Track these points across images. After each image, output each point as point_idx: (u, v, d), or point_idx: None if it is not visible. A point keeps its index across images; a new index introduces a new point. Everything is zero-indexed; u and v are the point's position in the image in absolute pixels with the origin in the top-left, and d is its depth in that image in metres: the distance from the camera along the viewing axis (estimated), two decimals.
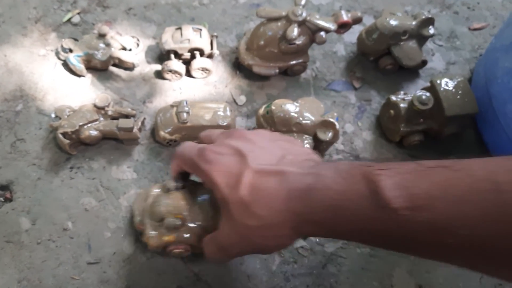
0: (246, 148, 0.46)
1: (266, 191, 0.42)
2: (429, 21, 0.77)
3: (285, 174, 0.42)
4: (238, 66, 0.79)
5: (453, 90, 0.68)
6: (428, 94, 0.67)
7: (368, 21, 0.84)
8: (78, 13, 0.83)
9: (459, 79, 0.69)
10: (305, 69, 0.79)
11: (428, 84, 0.70)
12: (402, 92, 0.73)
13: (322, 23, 0.71)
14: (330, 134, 0.66)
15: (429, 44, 0.84)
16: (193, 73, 0.76)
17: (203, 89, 0.77)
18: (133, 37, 0.78)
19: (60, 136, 0.65)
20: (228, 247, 0.47)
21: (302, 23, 0.71)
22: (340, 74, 0.80)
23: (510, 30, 0.68)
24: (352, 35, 0.82)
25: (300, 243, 0.64)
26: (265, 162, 0.44)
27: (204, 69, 0.76)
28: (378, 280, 0.62)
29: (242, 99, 0.76)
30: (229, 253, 0.49)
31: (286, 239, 0.45)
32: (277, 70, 0.76)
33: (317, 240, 0.64)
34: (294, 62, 0.76)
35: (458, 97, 0.68)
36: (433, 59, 0.83)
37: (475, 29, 0.88)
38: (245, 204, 0.42)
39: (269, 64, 0.75)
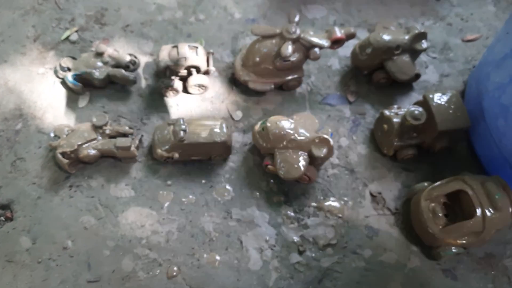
0: None
1: None
2: (422, 36, 0.78)
3: None
4: (234, 82, 0.80)
5: (446, 104, 0.69)
6: (420, 109, 0.68)
7: (362, 34, 0.85)
8: (76, 31, 0.84)
9: (451, 93, 0.70)
10: (300, 84, 0.80)
11: (421, 98, 0.71)
12: (395, 106, 0.74)
13: (315, 40, 0.72)
14: (324, 150, 0.67)
15: (422, 57, 0.85)
16: (190, 89, 0.77)
17: (200, 105, 0.78)
18: (130, 54, 0.79)
19: (59, 156, 0.66)
20: None
21: (296, 40, 0.72)
22: (334, 88, 0.81)
23: (501, 45, 0.69)
24: (346, 49, 0.83)
25: (296, 258, 0.65)
26: None
27: (200, 86, 0.77)
28: None
29: (238, 114, 0.77)
30: None
31: None
32: (272, 86, 0.77)
33: (313, 255, 0.65)
34: (289, 77, 0.77)
35: (451, 111, 0.69)
36: (427, 72, 0.84)
37: (468, 41, 0.89)
38: None
39: (264, 80, 0.76)
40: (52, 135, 0.70)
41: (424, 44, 0.78)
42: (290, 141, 0.67)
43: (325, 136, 0.67)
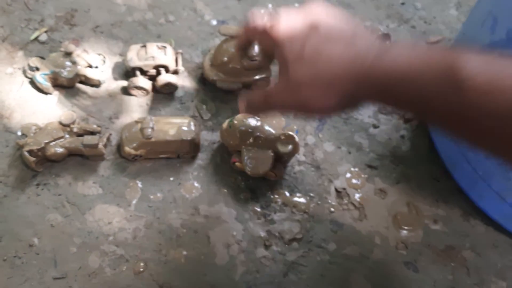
0: (318, 17, 0.45)
1: (329, 52, 0.42)
2: (386, 37, 0.80)
3: (354, 43, 0.42)
4: (203, 82, 0.81)
5: None
6: None
7: None
8: (46, 32, 0.84)
9: None
10: (269, 84, 0.81)
11: None
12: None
13: None
14: (290, 147, 0.68)
15: None
16: (159, 89, 0.78)
17: (169, 104, 0.79)
18: (99, 54, 0.80)
19: (26, 154, 0.66)
20: (275, 97, 0.49)
21: None
22: None
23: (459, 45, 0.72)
24: None
25: (262, 252, 0.66)
26: (335, 32, 0.44)
27: (169, 85, 0.78)
28: (337, 286, 0.65)
29: (207, 113, 0.78)
30: (273, 103, 0.50)
31: (336, 100, 0.43)
32: (240, 85, 0.79)
33: (279, 249, 0.67)
34: (257, 77, 0.78)
35: None
36: None
37: (431, 43, 0.92)
38: (305, 59, 0.43)
39: (232, 79, 0.78)
40: (19, 133, 0.70)
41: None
42: (256, 138, 0.68)
43: (291, 133, 0.69)
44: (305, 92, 0.44)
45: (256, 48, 0.72)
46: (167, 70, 0.77)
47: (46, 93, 0.77)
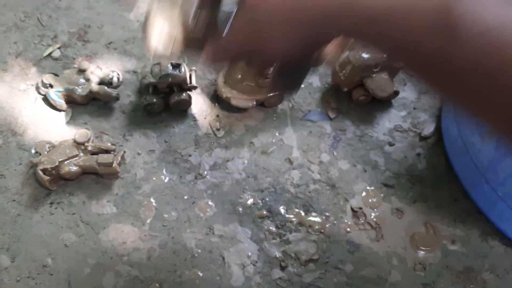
0: None
1: None
2: None
3: None
4: (217, 99, 0.81)
5: None
6: None
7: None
8: (59, 48, 0.84)
9: None
10: (282, 101, 0.81)
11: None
12: None
13: None
14: None
15: (401, 74, 0.87)
16: (173, 106, 0.78)
17: (183, 121, 0.78)
18: (113, 71, 0.80)
19: (40, 172, 0.66)
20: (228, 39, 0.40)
21: None
22: (315, 104, 0.82)
23: None
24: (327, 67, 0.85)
25: (278, 274, 0.65)
26: None
27: (183, 102, 0.77)
28: None
29: (220, 131, 0.78)
30: (225, 47, 0.41)
31: (297, 34, 0.36)
32: (254, 103, 0.78)
33: (295, 270, 0.66)
34: (271, 94, 0.78)
35: None
36: (405, 89, 0.86)
37: None
38: None
39: (246, 96, 0.77)
40: (33, 151, 0.70)
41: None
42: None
43: None
44: (263, 17, 0.36)
45: None
46: (180, 87, 0.77)
47: (59, 110, 0.77)
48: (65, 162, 0.67)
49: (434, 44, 0.31)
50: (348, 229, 0.70)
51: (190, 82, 0.78)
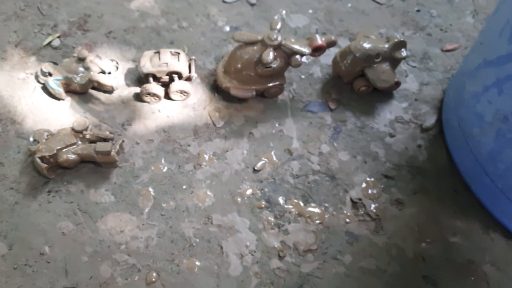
0: None
1: None
2: (402, 44, 0.79)
3: None
4: (216, 89, 0.80)
5: None
6: None
7: (344, 43, 0.87)
8: (58, 37, 0.84)
9: None
10: (282, 91, 0.80)
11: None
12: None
13: (296, 47, 0.73)
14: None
15: (402, 66, 0.86)
16: (172, 95, 0.77)
17: (182, 111, 0.78)
18: (112, 60, 0.79)
19: (38, 160, 0.65)
20: None
21: (277, 47, 0.73)
22: (316, 95, 0.82)
23: (475, 55, 0.70)
24: (328, 57, 0.84)
25: (276, 264, 0.65)
26: None
27: (182, 92, 0.77)
28: None
29: (220, 121, 0.77)
30: None
31: None
32: (254, 93, 0.77)
33: (293, 260, 0.65)
34: (271, 84, 0.77)
35: None
36: (407, 80, 0.85)
37: (447, 50, 0.91)
38: None
39: (246, 86, 0.77)
40: (31, 139, 0.70)
41: (404, 52, 0.79)
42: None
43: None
44: None
45: (271, 55, 0.71)
46: (180, 76, 0.77)
47: (58, 98, 0.76)
48: (63, 150, 0.67)
49: None
50: (348, 220, 0.69)
51: (190, 72, 0.78)
